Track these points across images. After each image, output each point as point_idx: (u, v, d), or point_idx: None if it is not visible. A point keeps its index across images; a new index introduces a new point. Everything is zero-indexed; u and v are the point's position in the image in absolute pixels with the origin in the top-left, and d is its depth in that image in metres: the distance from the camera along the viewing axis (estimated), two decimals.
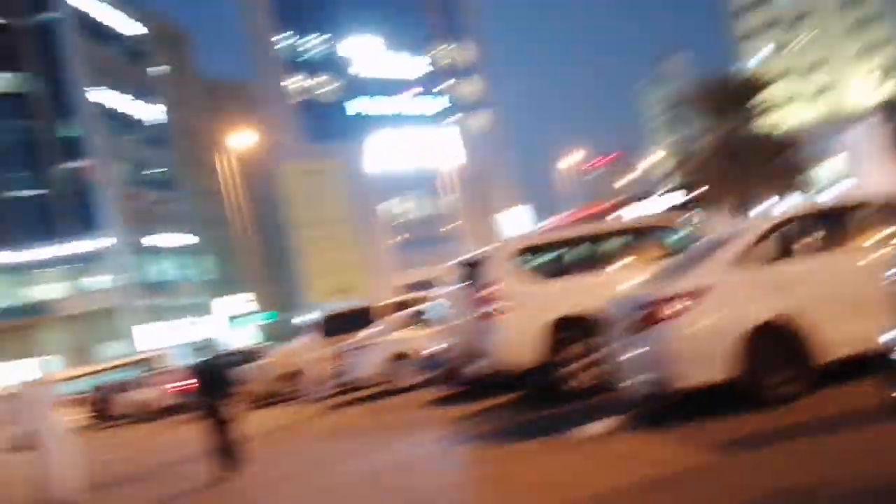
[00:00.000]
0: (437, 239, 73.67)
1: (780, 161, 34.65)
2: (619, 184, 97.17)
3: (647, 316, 6.49)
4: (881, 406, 4.62)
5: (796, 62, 76.19)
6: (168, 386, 25.58)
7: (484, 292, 9.12)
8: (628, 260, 9.76)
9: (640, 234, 10.20)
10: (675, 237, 9.78)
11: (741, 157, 34.05)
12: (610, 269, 9.63)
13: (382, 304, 18.27)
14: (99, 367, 38.74)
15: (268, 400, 20.77)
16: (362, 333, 15.35)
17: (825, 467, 4.83)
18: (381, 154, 73.26)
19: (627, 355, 6.83)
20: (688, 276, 6.70)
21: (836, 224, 7.08)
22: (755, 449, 5.58)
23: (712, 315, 6.39)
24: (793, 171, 35.56)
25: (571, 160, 79.29)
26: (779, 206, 32.87)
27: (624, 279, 8.46)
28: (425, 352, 12.12)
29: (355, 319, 17.93)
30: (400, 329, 14.40)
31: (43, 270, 54.01)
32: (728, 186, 34.55)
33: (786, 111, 51.54)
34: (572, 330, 8.96)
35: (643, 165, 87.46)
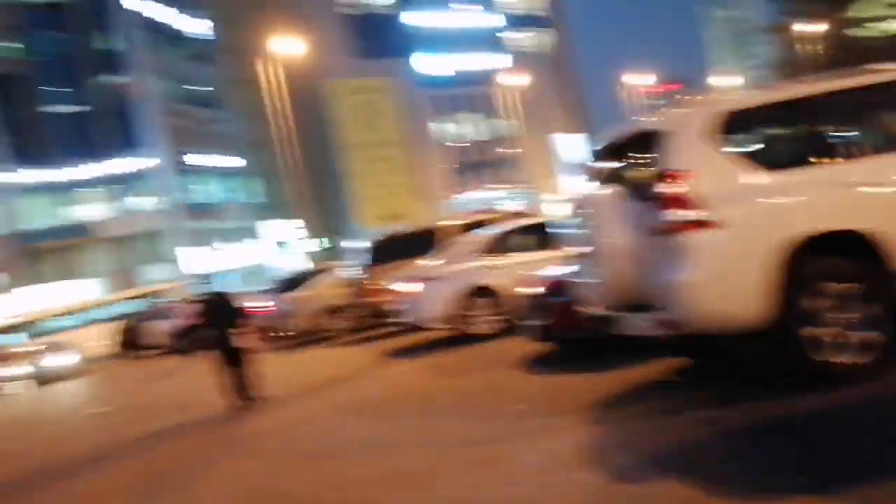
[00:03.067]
0: (491, 163, 70.05)
1: None
2: None
3: None
4: None
5: None
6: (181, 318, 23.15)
7: (668, 190, 5.08)
8: None
9: None
10: None
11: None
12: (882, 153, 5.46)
13: (451, 223, 15.12)
14: (119, 296, 36.72)
15: (305, 339, 18.02)
16: (426, 261, 12.21)
17: None
18: (435, 71, 69.29)
19: None
20: None
21: None
22: None
23: None
24: None
25: (636, 83, 74.25)
26: None
27: None
28: (525, 287, 8.74)
29: (416, 244, 14.88)
30: (481, 255, 11.17)
31: (84, 190, 52.03)
32: None
33: None
34: (832, 259, 5.10)
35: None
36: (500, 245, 11.32)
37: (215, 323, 10.14)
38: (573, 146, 79.92)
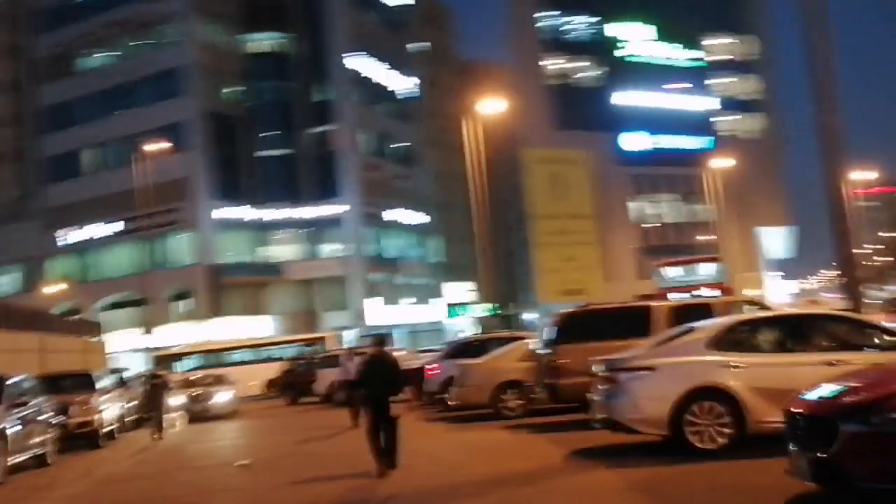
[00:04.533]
0: (687, 249, 66.15)
1: None
2: None
3: None
4: None
5: None
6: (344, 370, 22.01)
7: None
8: None
9: None
10: None
11: None
12: None
13: (664, 303, 12.83)
14: (275, 339, 36.54)
15: (468, 412, 16.14)
16: (637, 346, 9.99)
17: None
18: (637, 148, 66.94)
19: None
20: None
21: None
22: None
23: None
24: None
25: (855, 178, 68.05)
26: None
27: None
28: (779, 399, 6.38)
29: (620, 323, 12.72)
30: (713, 348, 8.79)
31: (279, 231, 53.72)
32: None
33: None
34: None
35: None
36: (739, 338, 8.95)
37: (373, 382, 9.77)
38: (777, 241, 74.30)
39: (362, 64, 57.51)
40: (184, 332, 44.84)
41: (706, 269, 37.95)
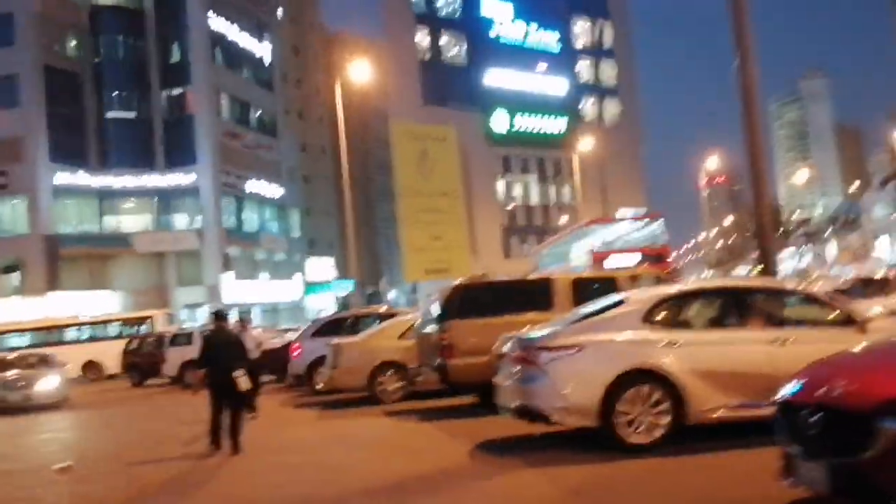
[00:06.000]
0: (552, 231, 66.58)
1: None
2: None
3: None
4: None
5: None
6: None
7: None
8: None
9: None
10: None
11: None
12: None
13: (564, 276, 11.58)
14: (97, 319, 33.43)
15: (340, 396, 14.68)
16: (552, 322, 8.64)
17: None
18: (501, 128, 66.54)
19: None
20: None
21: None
22: None
23: None
24: None
25: (706, 166, 70.74)
26: None
27: None
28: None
29: (526, 295, 11.43)
30: (644, 325, 7.51)
31: (128, 200, 49.55)
32: None
33: None
34: None
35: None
36: (679, 311, 7.72)
37: (215, 359, 9.57)
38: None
39: (223, 26, 53.81)
40: (13, 308, 40.43)
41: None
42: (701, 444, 7.10)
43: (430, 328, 12.15)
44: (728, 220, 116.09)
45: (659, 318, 7.58)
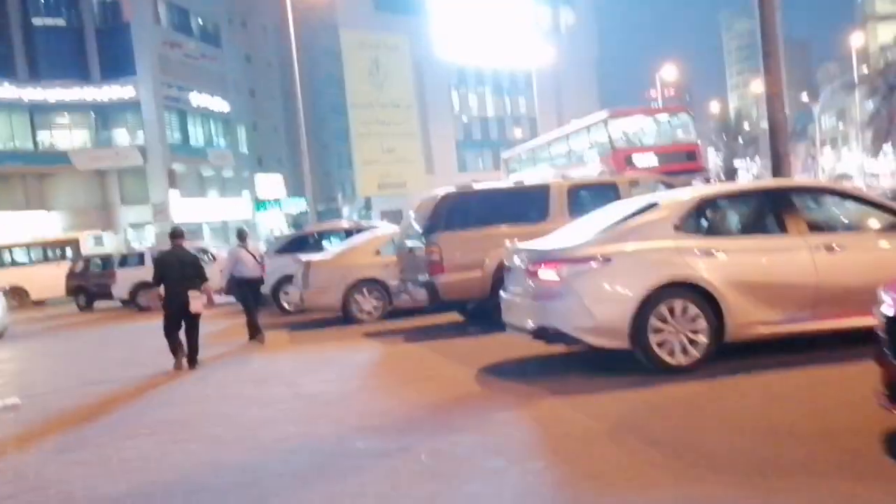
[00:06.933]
0: (508, 143, 65.47)
1: None
2: None
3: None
4: None
5: None
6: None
7: None
8: None
9: None
10: None
11: None
12: None
13: (561, 181, 10.63)
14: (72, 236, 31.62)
15: (314, 319, 13.73)
16: (567, 232, 7.70)
17: None
18: (452, 37, 64.38)
19: None
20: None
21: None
22: None
23: None
24: None
25: (664, 77, 69.81)
26: None
27: None
28: None
29: (519, 203, 10.52)
30: (682, 229, 6.74)
31: (64, 114, 46.74)
32: None
33: None
34: None
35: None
36: (717, 216, 6.83)
37: (171, 277, 9.54)
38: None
39: None
40: None
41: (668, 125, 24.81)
42: (737, 363, 6.36)
43: (413, 242, 11.19)
44: None
45: (695, 224, 6.70)
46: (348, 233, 17.05)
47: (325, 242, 17.16)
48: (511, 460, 4.66)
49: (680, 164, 21.09)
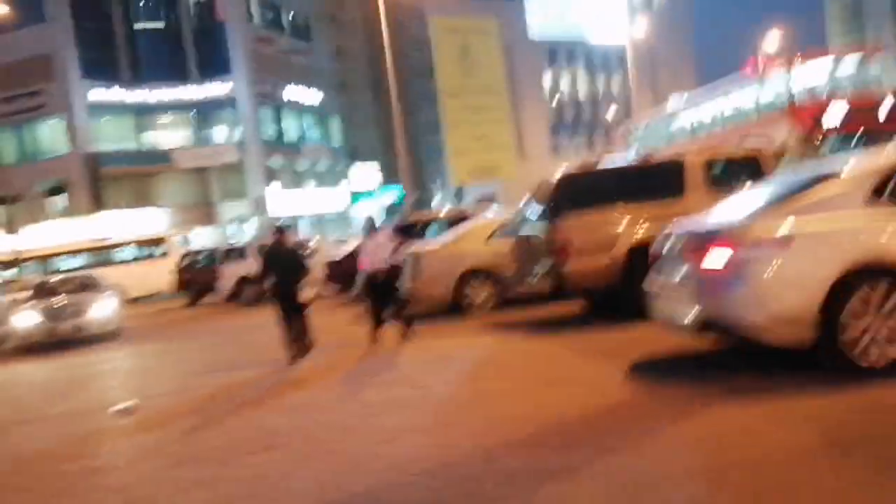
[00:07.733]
0: (601, 125, 63.69)
1: None
2: None
3: None
4: None
5: None
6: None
7: None
8: None
9: None
10: None
11: None
12: None
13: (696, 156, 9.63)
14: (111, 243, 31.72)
15: (422, 311, 12.93)
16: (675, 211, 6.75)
17: None
18: (543, 16, 62.93)
19: None
20: None
21: None
22: None
23: None
24: None
25: (765, 47, 66.45)
26: None
27: None
28: None
29: (650, 181, 9.58)
30: (873, 202, 5.58)
31: (164, 114, 47.81)
32: None
33: None
34: None
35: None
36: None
37: (277, 272, 9.71)
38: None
39: None
40: (60, 230, 39.48)
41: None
42: None
43: (531, 228, 10.37)
44: None
45: (891, 195, 5.65)
46: (452, 222, 16.38)
47: (427, 232, 16.59)
48: (714, 486, 3.81)
49: (865, 121, 17.29)
